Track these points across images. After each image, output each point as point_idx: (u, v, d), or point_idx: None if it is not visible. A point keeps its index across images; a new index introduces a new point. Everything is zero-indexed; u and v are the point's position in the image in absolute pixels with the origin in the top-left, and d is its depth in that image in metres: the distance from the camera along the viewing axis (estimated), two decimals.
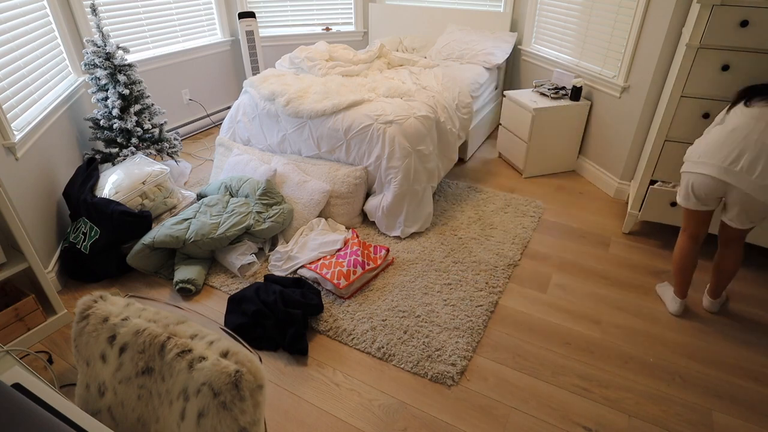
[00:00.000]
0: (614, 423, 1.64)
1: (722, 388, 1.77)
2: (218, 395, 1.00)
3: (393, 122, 2.60)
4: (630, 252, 2.52)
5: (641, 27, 2.61)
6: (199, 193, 2.76)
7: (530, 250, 2.54)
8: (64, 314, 2.05)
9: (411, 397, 1.72)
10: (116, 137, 2.84)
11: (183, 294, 2.22)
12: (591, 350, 1.93)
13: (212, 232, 2.25)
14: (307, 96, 2.84)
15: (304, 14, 4.49)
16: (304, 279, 2.23)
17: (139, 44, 3.51)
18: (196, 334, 1.14)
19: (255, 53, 4.11)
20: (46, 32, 2.66)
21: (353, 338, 1.97)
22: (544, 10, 3.50)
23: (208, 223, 2.29)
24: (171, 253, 2.37)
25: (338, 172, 2.68)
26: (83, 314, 1.22)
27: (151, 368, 1.12)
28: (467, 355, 1.88)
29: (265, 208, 2.41)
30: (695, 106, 2.21)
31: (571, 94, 3.12)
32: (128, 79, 2.81)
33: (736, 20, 1.98)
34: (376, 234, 2.65)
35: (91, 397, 1.21)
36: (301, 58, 3.35)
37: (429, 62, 3.62)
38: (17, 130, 2.15)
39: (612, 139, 3.00)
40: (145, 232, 2.33)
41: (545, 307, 2.15)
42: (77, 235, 2.26)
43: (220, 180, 2.69)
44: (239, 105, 3.15)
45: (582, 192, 3.13)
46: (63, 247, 2.30)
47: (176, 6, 3.70)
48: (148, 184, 2.43)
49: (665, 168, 2.40)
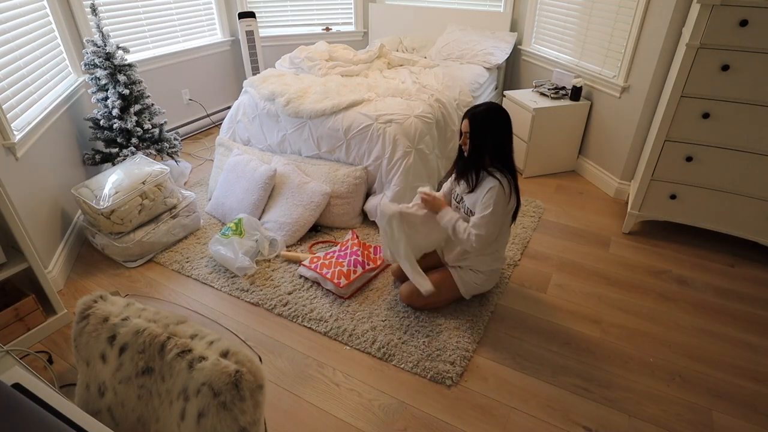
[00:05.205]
0: (614, 423, 1.64)
1: (722, 388, 1.77)
2: (218, 395, 1.00)
3: (393, 122, 2.60)
4: (630, 252, 2.52)
5: (641, 27, 2.61)
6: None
7: (530, 250, 2.54)
8: (64, 314, 2.05)
9: (411, 397, 1.72)
10: (116, 137, 2.84)
11: None
12: (591, 350, 1.93)
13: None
14: (307, 96, 2.84)
15: (304, 14, 4.49)
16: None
17: (139, 44, 3.50)
18: (196, 334, 1.14)
19: (255, 53, 4.11)
20: (46, 32, 2.66)
21: (353, 338, 1.97)
22: (544, 10, 3.50)
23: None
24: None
25: (338, 172, 2.68)
26: (83, 314, 1.22)
27: (151, 368, 1.12)
28: (467, 355, 1.88)
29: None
30: (695, 106, 2.21)
31: (571, 94, 3.12)
32: (128, 79, 2.81)
33: (736, 20, 1.98)
34: (376, 234, 2.65)
35: (91, 397, 1.21)
36: (301, 58, 3.35)
37: (429, 62, 3.62)
38: (17, 130, 2.15)
39: (612, 139, 3.00)
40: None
41: (545, 307, 2.15)
42: None
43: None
44: (239, 105, 3.15)
45: (582, 192, 3.13)
46: None
47: (176, 6, 3.70)
48: (148, 184, 2.43)
49: (665, 168, 2.40)
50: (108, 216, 2.33)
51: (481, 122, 1.84)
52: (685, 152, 2.33)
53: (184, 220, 2.59)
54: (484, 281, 2.08)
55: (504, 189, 1.82)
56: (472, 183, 1.90)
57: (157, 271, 2.41)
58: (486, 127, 1.84)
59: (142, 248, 2.42)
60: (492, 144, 1.85)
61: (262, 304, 2.16)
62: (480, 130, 1.84)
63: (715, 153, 2.27)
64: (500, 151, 1.87)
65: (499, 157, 1.87)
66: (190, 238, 2.63)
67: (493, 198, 1.82)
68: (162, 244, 2.50)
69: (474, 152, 1.87)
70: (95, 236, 2.43)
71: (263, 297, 2.19)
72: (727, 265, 2.43)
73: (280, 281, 2.29)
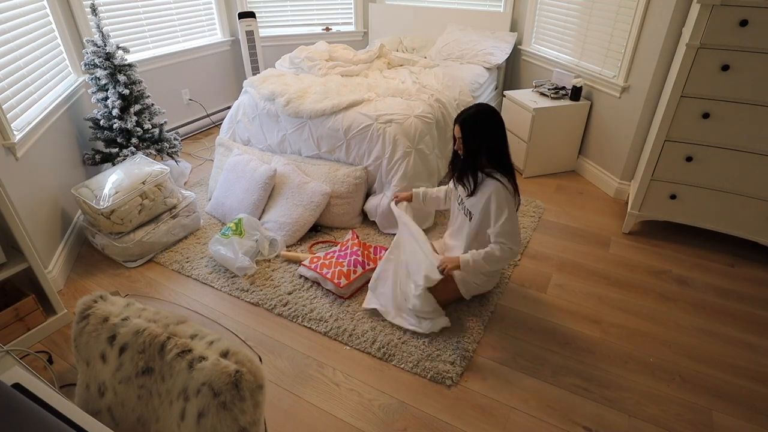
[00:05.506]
0: (614, 423, 1.64)
1: (722, 388, 1.77)
2: (218, 395, 1.00)
3: (393, 121, 2.60)
4: (630, 252, 2.52)
5: (641, 27, 2.61)
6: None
7: (530, 250, 2.54)
8: (64, 314, 2.05)
9: (411, 397, 1.72)
10: (116, 137, 2.84)
11: None
12: (591, 350, 1.93)
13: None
14: (306, 96, 2.84)
15: (304, 14, 4.49)
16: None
17: (139, 44, 3.50)
18: (196, 334, 1.14)
19: (255, 53, 4.11)
20: (46, 32, 2.66)
21: (353, 338, 1.97)
22: (544, 10, 3.50)
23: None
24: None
25: (338, 172, 2.68)
26: (83, 314, 1.22)
27: (151, 368, 1.12)
28: (467, 355, 1.88)
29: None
30: (695, 106, 2.21)
31: (571, 94, 3.12)
32: (128, 79, 2.81)
33: (736, 20, 1.98)
34: (376, 234, 2.64)
35: (91, 397, 1.21)
36: (301, 58, 3.35)
37: (429, 62, 3.62)
38: (17, 130, 2.15)
39: (612, 139, 3.00)
40: None
41: (545, 307, 2.15)
42: None
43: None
44: (239, 105, 3.15)
45: (582, 192, 3.13)
46: None
47: (176, 6, 3.70)
48: (148, 184, 2.43)
49: (665, 168, 2.40)
50: (108, 216, 2.33)
51: (472, 125, 1.84)
52: (685, 152, 2.33)
53: (184, 220, 2.59)
54: (485, 281, 2.08)
55: (507, 188, 1.83)
56: (470, 186, 1.91)
57: (157, 271, 2.41)
58: (477, 129, 1.84)
59: (142, 248, 2.42)
60: (486, 146, 1.85)
61: (262, 304, 2.16)
62: (472, 133, 1.85)
63: (715, 153, 2.27)
64: (495, 151, 1.87)
65: (495, 158, 1.87)
66: (190, 238, 2.63)
67: (500, 200, 1.83)
68: (162, 244, 2.51)
69: (469, 156, 1.88)
70: (95, 236, 2.43)
71: (263, 297, 2.19)
72: (727, 265, 2.43)
73: (280, 281, 2.29)
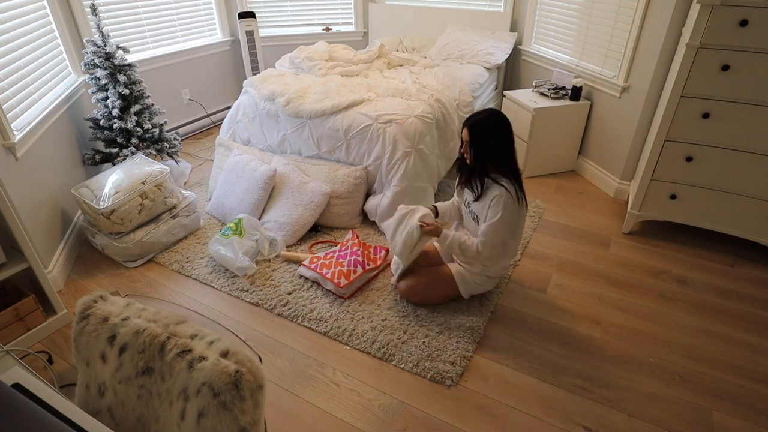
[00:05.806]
0: (614, 423, 1.64)
1: (722, 388, 1.77)
2: (218, 395, 1.00)
3: (393, 122, 2.60)
4: (630, 252, 2.52)
5: (641, 27, 2.61)
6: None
7: (530, 250, 2.54)
8: (64, 314, 2.05)
9: (411, 397, 1.72)
10: (116, 137, 2.84)
11: None
12: (591, 350, 1.93)
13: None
14: (306, 96, 2.84)
15: (304, 14, 4.49)
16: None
17: (139, 44, 3.50)
18: (196, 334, 1.14)
19: (255, 53, 4.11)
20: (46, 32, 2.66)
21: (353, 338, 1.97)
22: (544, 10, 3.50)
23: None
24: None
25: (338, 172, 2.68)
26: (83, 314, 1.22)
27: (151, 368, 1.12)
28: (467, 355, 1.88)
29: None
30: (695, 106, 2.21)
31: (571, 94, 3.12)
32: (128, 79, 2.81)
33: (736, 20, 1.98)
34: (376, 234, 2.64)
35: (91, 397, 1.21)
36: (301, 58, 3.35)
37: (429, 62, 3.62)
38: (17, 130, 2.15)
39: (612, 139, 3.00)
40: None
41: (545, 307, 2.15)
42: None
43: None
44: (239, 105, 3.15)
45: (582, 192, 3.12)
46: None
47: (176, 6, 3.70)
48: (148, 184, 2.43)
49: (665, 168, 2.40)
50: (108, 216, 2.33)
51: (482, 130, 1.85)
52: (685, 152, 2.33)
53: (184, 220, 2.59)
54: (485, 282, 2.08)
55: (512, 195, 1.83)
56: (477, 191, 1.91)
57: (157, 271, 2.41)
58: (487, 134, 1.85)
59: (142, 248, 2.42)
60: (494, 151, 1.86)
61: (262, 304, 2.16)
62: (481, 138, 1.85)
63: (715, 153, 2.27)
64: (503, 157, 1.88)
65: (502, 163, 1.88)
66: (190, 238, 2.63)
67: (500, 205, 1.83)
68: (162, 244, 2.51)
69: (476, 160, 1.88)
70: (95, 236, 2.43)
71: (263, 297, 2.19)
72: (727, 265, 2.43)
73: (280, 281, 2.29)
